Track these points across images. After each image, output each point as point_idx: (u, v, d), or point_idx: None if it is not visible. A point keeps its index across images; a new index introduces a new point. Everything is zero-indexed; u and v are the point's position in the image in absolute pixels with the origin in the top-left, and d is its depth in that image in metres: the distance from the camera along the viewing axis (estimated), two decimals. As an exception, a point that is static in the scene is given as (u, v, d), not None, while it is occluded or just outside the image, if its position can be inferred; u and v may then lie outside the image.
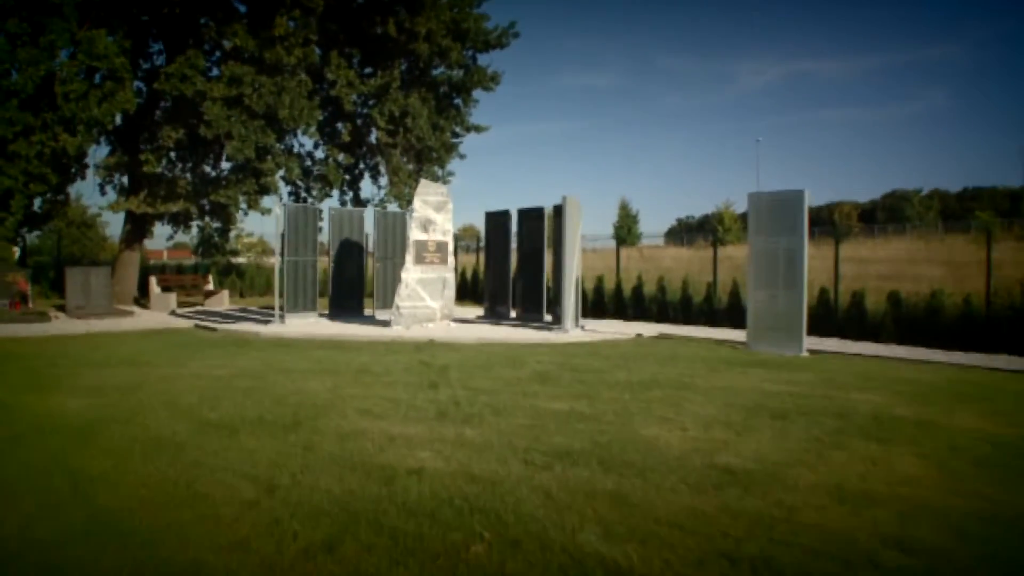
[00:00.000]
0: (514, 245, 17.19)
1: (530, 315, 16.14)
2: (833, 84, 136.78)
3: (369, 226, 18.23)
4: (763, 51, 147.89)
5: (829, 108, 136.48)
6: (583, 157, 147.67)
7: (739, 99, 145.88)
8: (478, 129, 26.89)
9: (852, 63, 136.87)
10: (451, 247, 14.84)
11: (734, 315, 16.39)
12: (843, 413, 7.39)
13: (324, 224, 17.55)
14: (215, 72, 20.23)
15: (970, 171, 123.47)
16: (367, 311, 17.51)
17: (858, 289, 15.63)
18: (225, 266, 28.62)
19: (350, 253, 16.94)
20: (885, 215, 66.68)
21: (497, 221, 16.94)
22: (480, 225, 20.04)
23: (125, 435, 6.17)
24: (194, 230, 28.50)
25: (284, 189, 26.00)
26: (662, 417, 7.09)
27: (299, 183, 26.05)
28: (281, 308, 15.30)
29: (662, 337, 13.70)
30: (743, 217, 63.64)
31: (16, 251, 22.85)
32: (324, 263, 19.20)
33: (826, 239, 46.08)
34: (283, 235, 15.53)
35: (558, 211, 15.31)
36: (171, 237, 32.59)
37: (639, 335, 13.70)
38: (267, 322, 15.25)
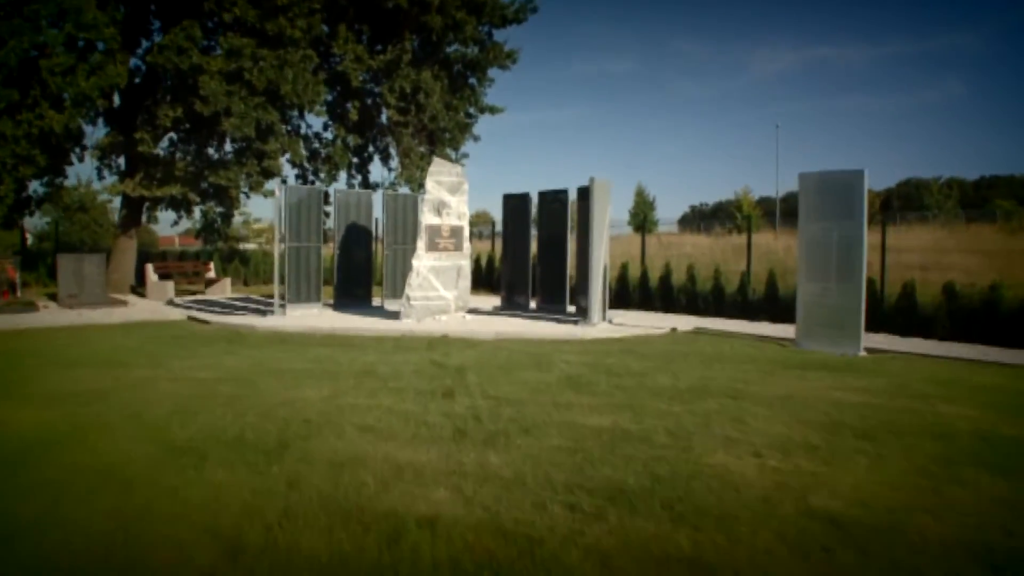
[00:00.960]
0: (533, 231, 15.92)
1: (551, 306, 14.89)
2: (848, 71, 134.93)
3: (378, 210, 17.04)
4: (778, 37, 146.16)
5: (844, 95, 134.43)
6: (595, 143, 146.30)
7: (753, 85, 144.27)
8: (493, 110, 25.62)
9: (867, 51, 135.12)
10: (466, 232, 13.60)
11: (771, 307, 15.11)
12: (940, 433, 6.12)
13: (331, 208, 16.35)
14: (214, 47, 18.98)
15: (986, 159, 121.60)
16: (375, 301, 16.31)
17: (908, 279, 14.27)
18: (228, 252, 27.50)
19: (357, 239, 15.72)
20: (900, 203, 65.15)
21: (515, 205, 15.67)
22: (493, 211, 18.75)
23: (68, 463, 4.97)
24: (196, 215, 27.36)
25: (291, 172, 24.85)
26: (726, 438, 5.84)
27: (306, 165, 24.90)
28: (282, 298, 14.10)
29: (699, 332, 12.43)
30: (768, 202, 62.42)
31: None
32: (329, 250, 18.02)
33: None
34: (284, 219, 14.32)
35: (583, 194, 14.02)
36: (176, 222, 31.40)
37: (674, 330, 12.43)
38: (267, 313, 14.06)
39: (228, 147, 20.81)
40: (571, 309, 14.63)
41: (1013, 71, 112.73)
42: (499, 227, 27.06)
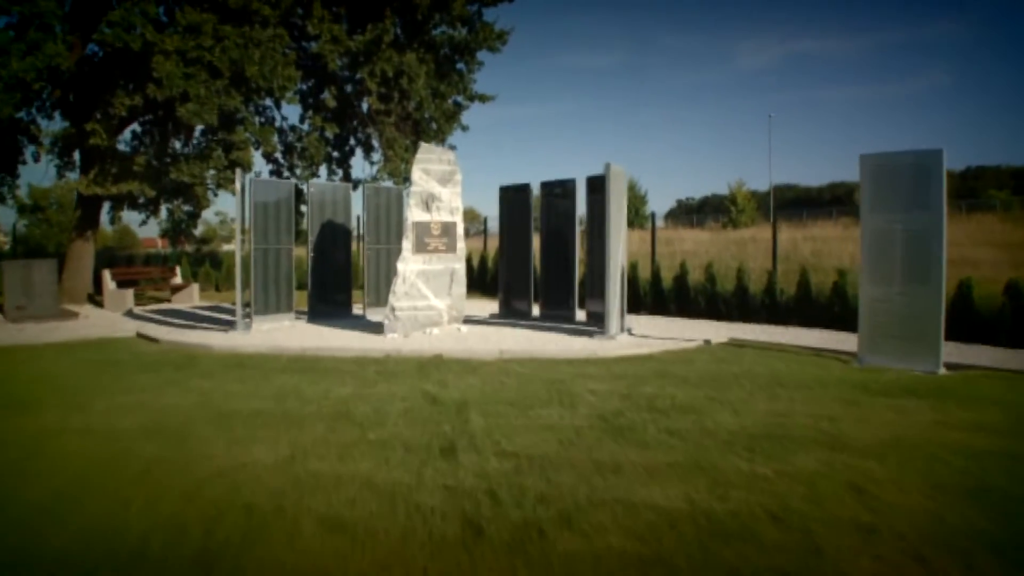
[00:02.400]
0: (532, 226, 14.02)
1: (557, 313, 13.01)
2: (833, 63, 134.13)
3: (358, 206, 15.08)
4: (763, 31, 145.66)
5: (829, 87, 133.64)
6: (580, 138, 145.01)
7: (739, 79, 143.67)
8: (483, 99, 23.65)
9: (852, 41, 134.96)
10: (460, 230, 11.67)
11: (804, 311, 13.33)
12: None
13: (306, 205, 14.39)
14: (171, 23, 16.92)
15: (971, 150, 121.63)
16: (356, 308, 14.37)
17: (963, 278, 12.49)
18: (197, 255, 25.47)
19: (335, 239, 13.77)
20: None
21: (514, 197, 13.76)
22: (479, 207, 16.52)
23: None
24: (163, 214, 25.24)
25: (265, 168, 22.87)
26: (856, 525, 4.02)
27: (281, 160, 22.93)
28: (247, 309, 12.14)
29: (737, 345, 10.57)
30: (756, 196, 60.87)
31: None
32: (304, 252, 16.04)
33: (849, 220, 43.09)
34: (248, 217, 12.37)
35: (593, 184, 12.14)
36: (143, 223, 29.36)
37: (707, 342, 10.56)
38: (230, 328, 12.07)
39: (199, 139, 18.79)
40: (580, 316, 12.75)
41: (997, 61, 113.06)
42: (492, 223, 25.23)
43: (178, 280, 20.71)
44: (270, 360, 9.26)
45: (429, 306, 11.23)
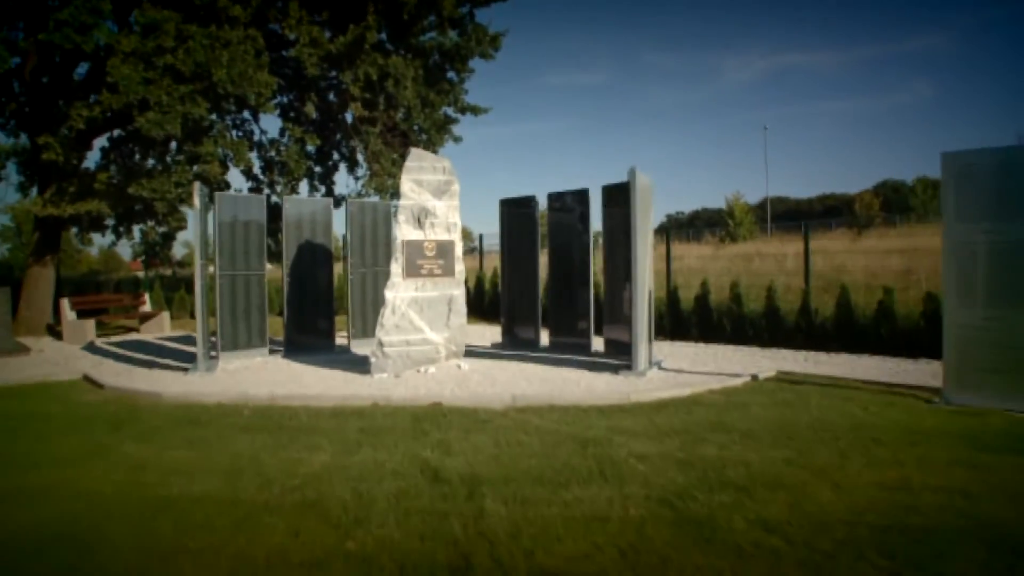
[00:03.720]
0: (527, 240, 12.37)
1: (569, 341, 11.34)
2: (819, 77, 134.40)
3: (341, 224, 13.39)
4: (747, 45, 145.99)
5: (816, 100, 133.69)
6: (569, 155, 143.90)
7: (725, 93, 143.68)
8: (475, 111, 22.06)
9: (836, 56, 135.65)
10: (459, 250, 10.03)
11: (845, 334, 11.77)
12: None
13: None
14: (128, 23, 15.27)
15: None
16: (339, 337, 12.69)
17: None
18: (173, 280, 23.73)
19: (314, 261, 12.09)
20: (879, 205, 62.98)
21: (518, 211, 12.12)
22: (469, 226, 14.49)
23: None
24: (137, 236, 23.53)
25: (245, 186, 21.21)
26: None
27: (260, 177, 21.27)
28: (212, 342, 10.45)
29: (787, 380, 8.93)
30: (755, 209, 59.49)
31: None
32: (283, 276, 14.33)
33: (846, 231, 41.72)
34: (215, 237, 10.73)
35: (612, 194, 10.54)
36: (113, 244, 27.55)
37: (754, 378, 8.92)
38: (191, 367, 10.32)
39: (160, 151, 17.07)
40: (596, 344, 11.09)
41: (978, 72, 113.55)
42: (487, 241, 23.61)
43: (147, 308, 18.94)
44: (230, 413, 7.53)
45: (424, 340, 9.56)
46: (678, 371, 9.42)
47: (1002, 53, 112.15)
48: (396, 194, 9.78)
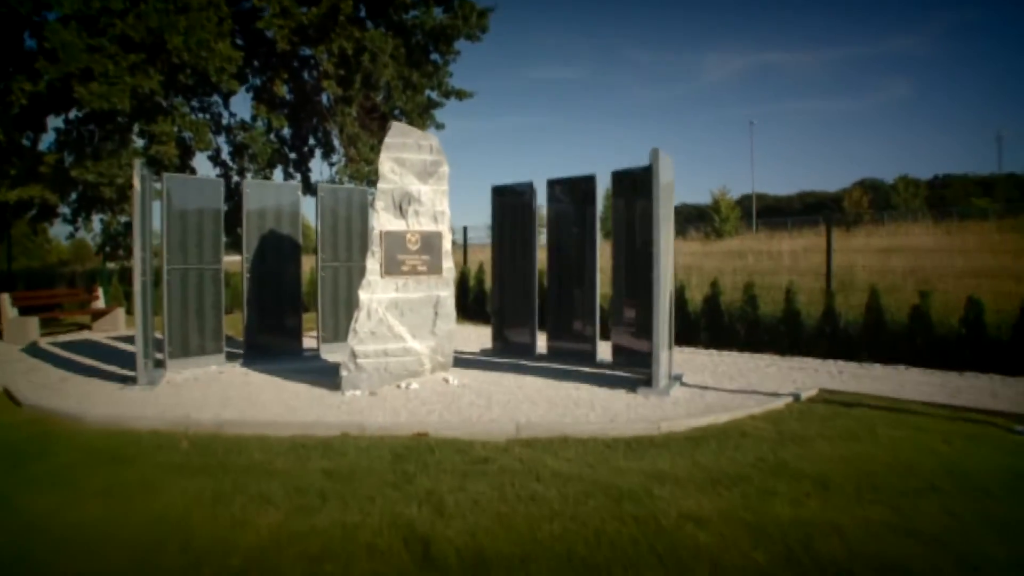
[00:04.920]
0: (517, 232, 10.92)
1: (571, 348, 9.93)
2: (798, 75, 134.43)
3: (310, 211, 11.86)
4: (727, 44, 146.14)
5: (794, 99, 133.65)
6: (547, 151, 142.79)
7: (705, 91, 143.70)
8: (460, 95, 20.68)
9: (815, 55, 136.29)
10: (447, 243, 8.58)
11: (875, 342, 10.49)
12: None
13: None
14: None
15: (933, 161, 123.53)
16: (308, 340, 11.22)
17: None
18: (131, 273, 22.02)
19: (279, 254, 10.57)
20: (868, 203, 62.57)
21: (513, 200, 10.68)
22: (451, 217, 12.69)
23: None
24: (97, 226, 21.87)
25: (212, 172, 19.61)
26: None
27: (230, 162, 19.69)
28: (151, 345, 8.94)
29: (835, 401, 7.57)
30: (741, 204, 58.41)
31: None
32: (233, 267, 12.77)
33: (833, 230, 40.70)
34: (163, 226, 9.22)
35: (622, 182, 9.14)
36: (71, 235, 25.76)
37: (796, 398, 7.55)
38: (132, 377, 8.75)
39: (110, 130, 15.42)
40: (602, 354, 9.69)
41: (956, 72, 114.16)
42: (472, 234, 22.17)
43: (100, 303, 17.27)
44: (165, 446, 6.02)
45: (405, 350, 8.10)
46: (703, 387, 8.04)
47: (979, 54, 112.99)
48: (375, 182, 8.31)
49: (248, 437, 6.15)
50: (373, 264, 8.03)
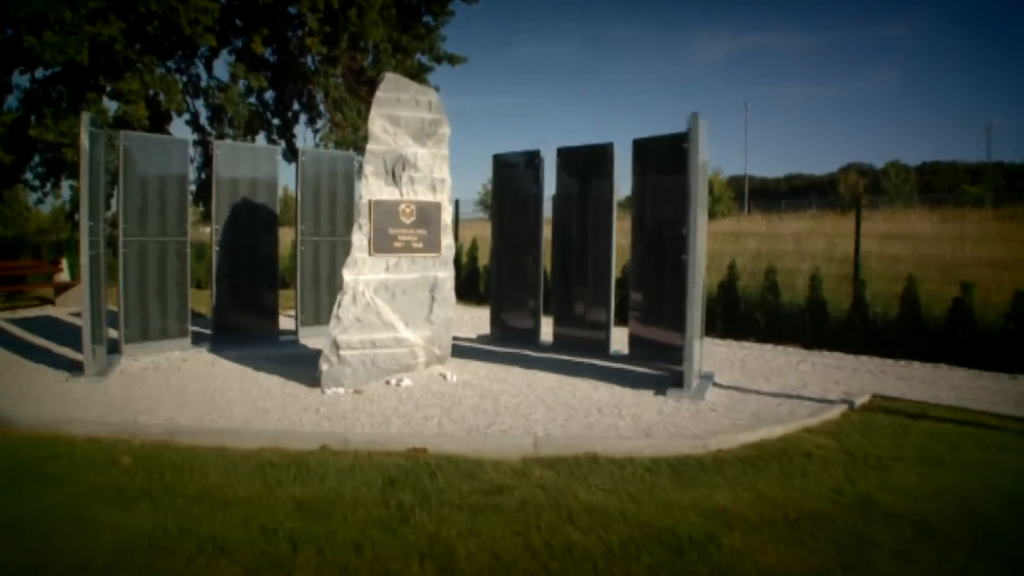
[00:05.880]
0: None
1: (581, 336, 8.87)
2: (785, 59, 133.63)
3: (289, 178, 10.65)
4: (716, 26, 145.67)
5: (782, 82, 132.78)
6: (536, 130, 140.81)
7: (693, 73, 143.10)
8: (453, 60, 19.49)
9: (802, 39, 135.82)
10: (447, 216, 7.45)
11: (910, 337, 9.49)
12: None
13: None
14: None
15: (920, 147, 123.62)
16: (284, 320, 10.12)
17: None
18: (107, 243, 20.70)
19: (253, 226, 9.40)
20: (864, 187, 61.91)
21: (516, 172, 9.56)
22: None
23: None
24: (66, 191, 20.43)
25: (191, 139, 18.27)
26: None
27: (208, 127, 18.38)
28: (100, 335, 7.80)
29: (894, 409, 6.54)
30: (731, 185, 57.40)
31: None
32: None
33: (828, 213, 39.86)
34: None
35: (647, 151, 8.05)
36: (39, 201, 24.31)
37: (850, 405, 6.50)
38: (94, 359, 7.58)
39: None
40: (616, 345, 8.63)
41: (944, 60, 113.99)
42: (463, 208, 20.99)
43: (63, 276, 15.99)
44: (102, 461, 4.88)
45: (396, 340, 6.98)
46: (739, 389, 7.00)
47: (967, 43, 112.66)
48: (363, 149, 7.12)
49: (205, 450, 5.03)
50: (360, 239, 6.89)
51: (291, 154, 18.54)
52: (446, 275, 7.38)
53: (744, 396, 6.72)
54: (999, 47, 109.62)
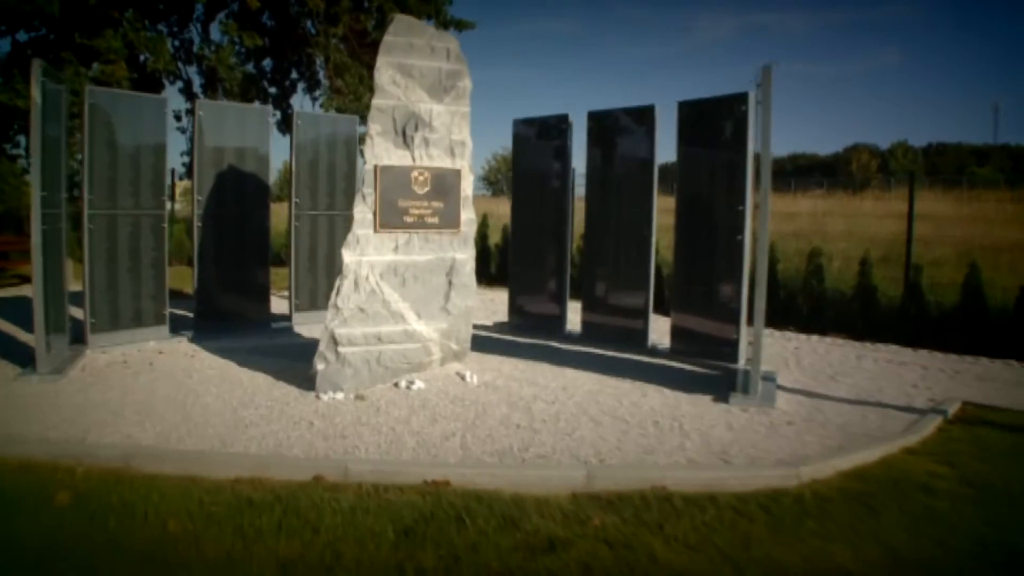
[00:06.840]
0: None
1: (614, 325, 7.80)
2: (790, 38, 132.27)
3: (284, 147, 9.53)
4: (720, 2, 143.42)
5: (785, 61, 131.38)
6: (537, 106, 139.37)
7: (697, 50, 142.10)
8: (460, 25, 18.36)
9: (807, 18, 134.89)
10: (469, 187, 6.34)
11: (972, 329, 8.43)
12: None
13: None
14: None
15: (925, 129, 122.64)
16: (278, 302, 9.05)
17: None
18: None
19: (241, 198, 8.28)
20: (876, 167, 60.95)
21: (541, 139, 8.44)
22: None
23: None
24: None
25: (183, 105, 17.21)
26: None
27: (201, 94, 17.32)
28: (52, 324, 6.75)
29: (995, 424, 5.44)
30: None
31: None
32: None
33: (838, 192, 38.68)
34: (86, 158, 6.96)
35: (697, 116, 6.92)
36: (22, 172, 23.21)
37: (944, 416, 5.41)
38: (49, 354, 6.50)
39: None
40: (654, 336, 7.56)
41: (949, 41, 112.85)
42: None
43: (39, 253, 14.79)
44: (31, 499, 3.79)
45: (406, 333, 5.89)
46: (807, 393, 5.94)
47: (972, 23, 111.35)
48: (367, 119, 5.93)
49: (168, 481, 3.93)
50: (364, 212, 5.78)
51: (287, 127, 17.46)
52: (466, 256, 6.27)
53: (818, 403, 5.65)
54: (1005, 27, 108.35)
